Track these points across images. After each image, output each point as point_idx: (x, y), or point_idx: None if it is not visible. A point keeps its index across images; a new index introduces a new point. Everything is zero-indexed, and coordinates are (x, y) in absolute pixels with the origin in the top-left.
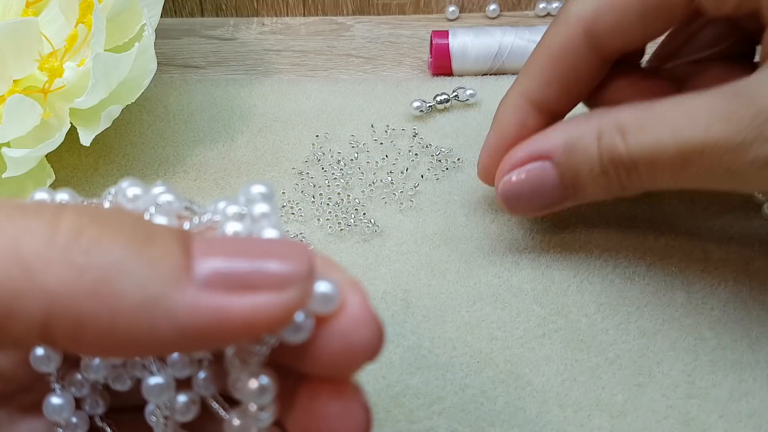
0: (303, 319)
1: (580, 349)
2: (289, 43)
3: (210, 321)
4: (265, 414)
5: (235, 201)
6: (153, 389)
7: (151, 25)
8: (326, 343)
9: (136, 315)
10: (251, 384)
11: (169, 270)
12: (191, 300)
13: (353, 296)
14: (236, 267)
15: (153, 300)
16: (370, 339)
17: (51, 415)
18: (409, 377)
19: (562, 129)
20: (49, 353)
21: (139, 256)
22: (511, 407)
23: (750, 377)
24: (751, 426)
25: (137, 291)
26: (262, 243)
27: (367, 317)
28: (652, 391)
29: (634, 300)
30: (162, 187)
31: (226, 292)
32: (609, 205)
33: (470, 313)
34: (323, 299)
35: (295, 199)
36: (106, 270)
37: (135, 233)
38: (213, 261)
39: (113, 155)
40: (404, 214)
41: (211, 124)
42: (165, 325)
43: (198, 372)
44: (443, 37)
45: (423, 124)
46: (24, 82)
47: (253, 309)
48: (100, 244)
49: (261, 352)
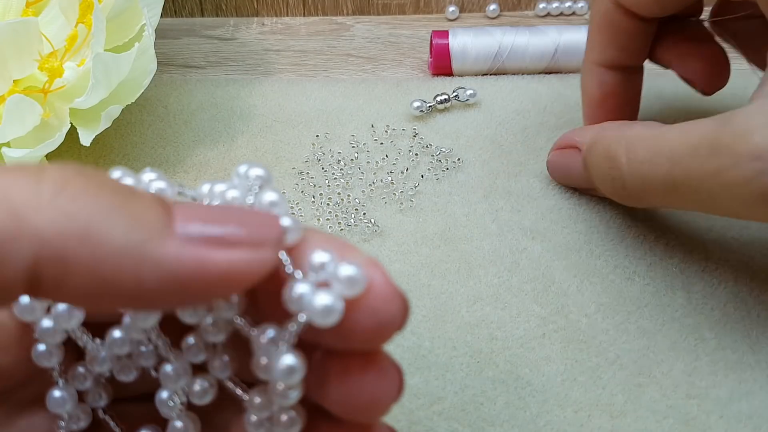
0: (333, 303)
1: (580, 349)
2: (289, 43)
3: (192, 271)
4: (294, 392)
5: (232, 184)
6: (169, 375)
7: (151, 25)
8: (357, 322)
9: (122, 260)
10: (281, 364)
11: (153, 222)
12: (175, 250)
13: (376, 274)
14: (215, 227)
15: (139, 246)
16: (398, 313)
17: (54, 408)
18: (409, 377)
19: (594, 129)
20: (51, 349)
21: (123, 207)
22: (511, 407)
23: (750, 377)
24: (751, 426)
25: (124, 237)
26: (237, 210)
27: (393, 292)
28: (652, 391)
29: (634, 300)
30: (153, 173)
31: (206, 246)
32: (609, 205)
33: (470, 313)
34: (351, 282)
35: (295, 199)
36: (94, 215)
37: (118, 189)
38: (193, 221)
39: (113, 155)
40: (404, 214)
41: (212, 124)
42: (149, 272)
43: (213, 357)
44: (443, 37)
45: (423, 124)
46: (24, 82)
47: (230, 262)
48: (86, 194)
49: (291, 334)
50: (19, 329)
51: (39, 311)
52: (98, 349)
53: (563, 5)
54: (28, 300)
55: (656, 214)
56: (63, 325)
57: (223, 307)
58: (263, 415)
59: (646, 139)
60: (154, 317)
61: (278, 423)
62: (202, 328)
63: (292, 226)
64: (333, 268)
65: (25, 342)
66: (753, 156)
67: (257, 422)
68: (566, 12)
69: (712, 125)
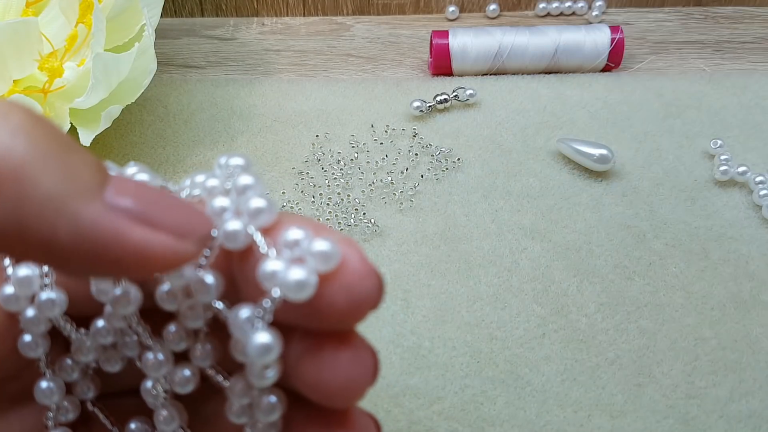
0: (307, 277)
1: (579, 349)
2: (289, 43)
3: (107, 239)
4: (271, 372)
5: (212, 174)
6: (151, 363)
7: (151, 25)
8: (331, 298)
9: (42, 207)
10: (257, 342)
11: (83, 180)
12: (96, 213)
13: (351, 252)
14: (143, 205)
15: (61, 198)
16: (373, 290)
17: (41, 399)
18: (409, 377)
19: None
20: (36, 339)
21: (60, 157)
22: (511, 407)
23: (750, 377)
24: (751, 426)
25: (50, 185)
26: (175, 199)
27: (368, 270)
28: (652, 391)
29: (634, 300)
30: (135, 167)
31: (127, 219)
32: (609, 205)
33: (470, 313)
34: (324, 257)
35: (295, 199)
36: (29, 155)
37: (61, 140)
38: (126, 194)
39: (113, 155)
40: (404, 214)
41: (211, 124)
42: (65, 228)
43: (195, 345)
44: (443, 37)
45: (423, 124)
46: (24, 82)
47: (148, 243)
48: (27, 133)
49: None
50: (4, 321)
51: (23, 301)
52: (83, 339)
53: (563, 5)
54: (12, 290)
55: (656, 213)
56: (46, 313)
57: (201, 290)
58: (244, 402)
59: None
60: (134, 304)
61: (259, 408)
62: (181, 313)
63: (265, 207)
64: (307, 244)
65: (11, 333)
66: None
67: (238, 410)
68: (566, 12)
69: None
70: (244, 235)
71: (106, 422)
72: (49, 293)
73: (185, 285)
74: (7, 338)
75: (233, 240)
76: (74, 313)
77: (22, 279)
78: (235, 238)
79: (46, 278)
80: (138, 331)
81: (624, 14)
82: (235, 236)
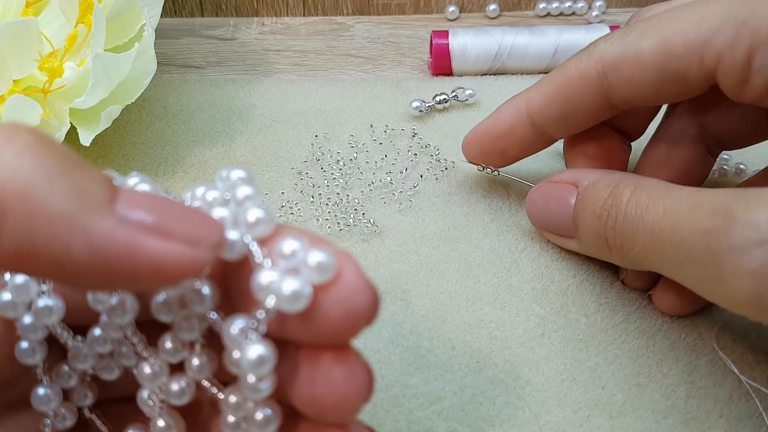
0: (301, 287)
1: (579, 348)
2: (289, 43)
3: (122, 252)
4: (265, 384)
5: (213, 186)
6: (146, 374)
7: (151, 25)
8: (326, 311)
9: (55, 225)
10: (251, 354)
11: (94, 196)
12: (108, 228)
13: (347, 265)
14: (155, 215)
15: (73, 215)
16: (368, 304)
17: (39, 406)
18: (409, 377)
19: (601, 171)
20: (33, 346)
21: (68, 174)
22: (511, 407)
23: (749, 377)
24: (751, 426)
25: (60, 203)
26: (185, 207)
27: (363, 284)
28: (652, 391)
29: (634, 300)
30: (137, 177)
31: (140, 232)
32: None
33: (470, 313)
34: (320, 268)
35: (294, 199)
36: (37, 175)
37: (67, 156)
38: (136, 207)
39: (113, 155)
40: (403, 214)
41: (211, 124)
42: (79, 245)
43: (191, 356)
44: (443, 37)
45: (422, 124)
46: (24, 82)
47: (162, 253)
48: (33, 152)
49: (260, 323)
50: (1, 328)
51: (21, 308)
52: (79, 346)
53: (563, 5)
54: (9, 296)
55: None
56: (43, 320)
57: (196, 301)
58: (239, 415)
59: (657, 187)
60: (130, 313)
61: (252, 422)
62: (176, 324)
63: (263, 218)
64: (303, 255)
65: (8, 340)
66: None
67: (233, 423)
68: (566, 12)
69: (724, 193)
70: (241, 245)
71: (103, 429)
72: (46, 300)
73: (181, 295)
74: (3, 345)
75: (230, 250)
76: (71, 322)
77: (20, 286)
78: (231, 248)
79: (44, 285)
80: (133, 341)
81: (624, 14)
82: (231, 246)
